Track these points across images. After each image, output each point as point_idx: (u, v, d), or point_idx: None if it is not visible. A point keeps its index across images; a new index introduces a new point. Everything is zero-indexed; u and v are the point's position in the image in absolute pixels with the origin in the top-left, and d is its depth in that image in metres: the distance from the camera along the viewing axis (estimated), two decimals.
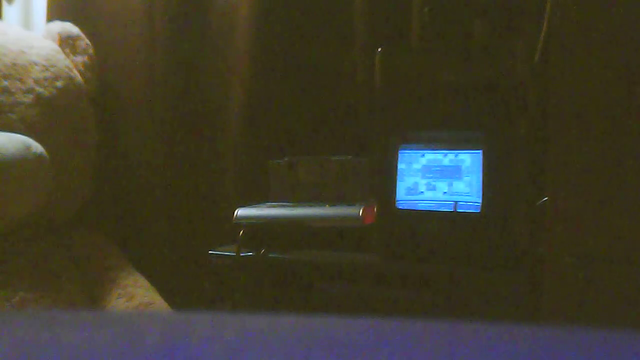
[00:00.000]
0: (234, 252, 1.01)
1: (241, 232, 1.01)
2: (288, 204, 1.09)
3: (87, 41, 1.34)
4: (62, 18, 1.37)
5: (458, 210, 0.89)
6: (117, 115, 1.42)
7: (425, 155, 0.92)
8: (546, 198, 0.76)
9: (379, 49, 0.95)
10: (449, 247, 0.90)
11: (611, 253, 0.70)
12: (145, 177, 1.38)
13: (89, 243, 1.28)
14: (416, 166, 0.92)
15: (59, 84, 1.25)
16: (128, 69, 1.40)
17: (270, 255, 1.00)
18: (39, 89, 1.21)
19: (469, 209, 0.89)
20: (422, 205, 0.92)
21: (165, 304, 1.22)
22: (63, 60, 1.29)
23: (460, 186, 0.90)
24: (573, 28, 0.72)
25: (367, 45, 1.18)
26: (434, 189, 0.91)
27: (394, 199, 0.93)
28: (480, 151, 0.89)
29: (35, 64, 1.23)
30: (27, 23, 1.56)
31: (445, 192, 0.90)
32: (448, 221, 0.90)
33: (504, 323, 0.35)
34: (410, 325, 0.35)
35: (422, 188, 0.92)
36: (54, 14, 1.43)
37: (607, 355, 0.31)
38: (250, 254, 1.01)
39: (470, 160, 0.89)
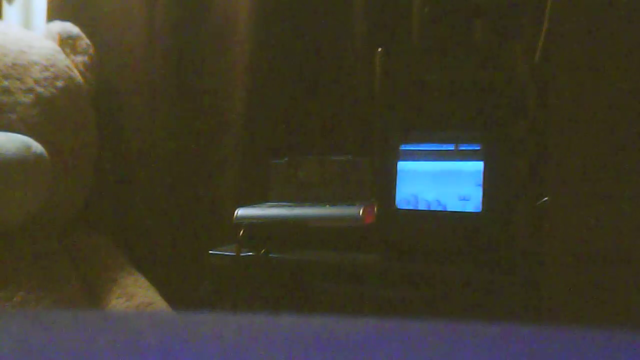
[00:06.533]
0: (234, 252, 1.00)
1: (241, 232, 1.01)
2: (288, 204, 1.09)
3: (88, 41, 1.34)
4: (62, 18, 1.37)
5: (458, 210, 0.89)
6: (117, 115, 1.42)
7: (426, 155, 0.92)
8: (546, 198, 0.76)
9: (379, 49, 0.95)
10: (449, 247, 0.90)
11: (611, 253, 0.70)
12: (146, 177, 1.38)
13: (90, 243, 1.28)
14: (416, 166, 0.92)
15: (59, 83, 1.25)
16: (128, 69, 1.40)
17: (270, 255, 1.00)
18: (39, 89, 1.21)
19: (469, 209, 0.89)
20: (422, 205, 0.91)
21: (165, 304, 1.22)
22: (63, 60, 1.29)
23: (460, 186, 0.90)
24: (573, 28, 0.72)
25: (367, 45, 1.18)
26: (434, 189, 0.91)
27: (394, 198, 0.93)
28: (480, 151, 0.89)
29: (36, 63, 1.23)
30: (27, 23, 1.56)
31: (445, 192, 0.90)
32: (448, 221, 0.90)
33: (504, 323, 0.35)
34: (410, 325, 0.35)
35: (423, 188, 0.92)
36: (54, 14, 1.43)
37: (607, 355, 0.31)
38: (250, 254, 1.01)
39: (470, 161, 0.89)
